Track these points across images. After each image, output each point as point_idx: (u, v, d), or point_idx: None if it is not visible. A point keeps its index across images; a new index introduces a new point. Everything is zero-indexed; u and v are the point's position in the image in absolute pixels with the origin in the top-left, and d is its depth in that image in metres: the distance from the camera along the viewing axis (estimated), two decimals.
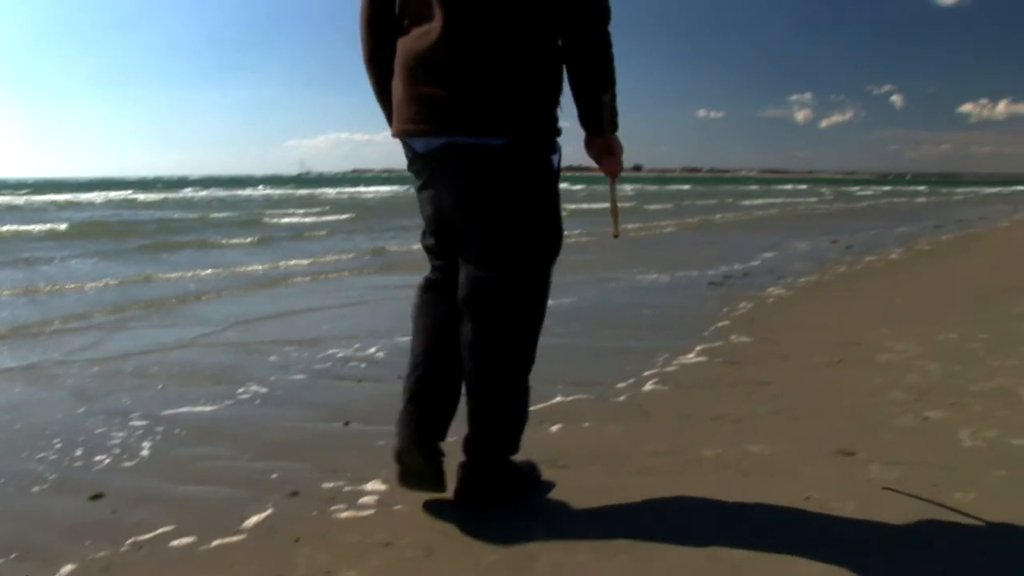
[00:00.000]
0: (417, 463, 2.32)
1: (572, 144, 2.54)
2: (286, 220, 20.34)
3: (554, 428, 3.08)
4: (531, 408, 2.43)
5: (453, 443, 2.38)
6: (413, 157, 2.34)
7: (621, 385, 3.75)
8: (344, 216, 21.75)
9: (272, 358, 4.49)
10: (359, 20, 2.38)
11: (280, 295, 7.20)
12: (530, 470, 2.49)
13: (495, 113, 2.16)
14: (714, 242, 12.69)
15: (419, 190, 2.39)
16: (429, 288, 2.45)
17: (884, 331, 4.88)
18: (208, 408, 3.56)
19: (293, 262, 9.91)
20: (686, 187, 67.80)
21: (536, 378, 2.41)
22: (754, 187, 74.27)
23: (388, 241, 13.00)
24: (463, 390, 2.36)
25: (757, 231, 15.27)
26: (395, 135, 2.35)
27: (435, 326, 2.38)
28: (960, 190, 67.21)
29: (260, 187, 68.05)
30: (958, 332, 4.82)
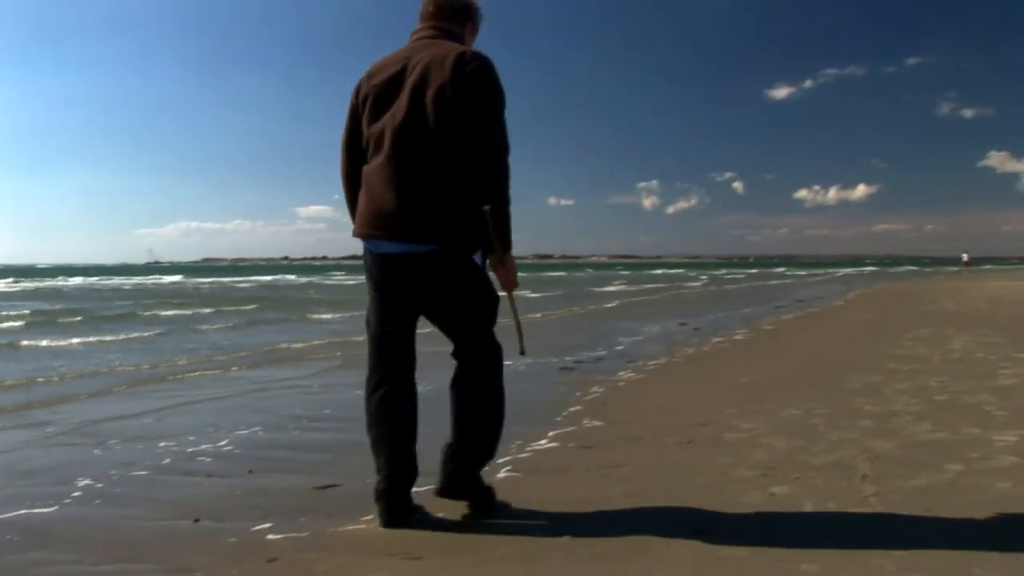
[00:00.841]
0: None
1: None
2: (164, 312, 18.49)
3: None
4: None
5: None
6: (365, 253, 2.97)
7: None
8: (226, 309, 19.95)
9: (116, 454, 4.28)
10: (340, 147, 3.08)
11: (145, 394, 6.67)
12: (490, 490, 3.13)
13: (425, 226, 2.80)
14: (574, 329, 12.71)
15: (368, 281, 3.00)
16: (378, 390, 3.10)
17: (731, 410, 5.03)
18: (45, 509, 3.34)
19: (174, 361, 9.13)
20: (559, 273, 68.87)
21: None
22: (625, 272, 76.38)
23: (266, 334, 12.51)
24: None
25: (614, 318, 15.36)
26: (354, 236, 2.98)
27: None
28: (819, 271, 71.82)
29: (133, 277, 65.84)
30: (800, 408, 5.02)
